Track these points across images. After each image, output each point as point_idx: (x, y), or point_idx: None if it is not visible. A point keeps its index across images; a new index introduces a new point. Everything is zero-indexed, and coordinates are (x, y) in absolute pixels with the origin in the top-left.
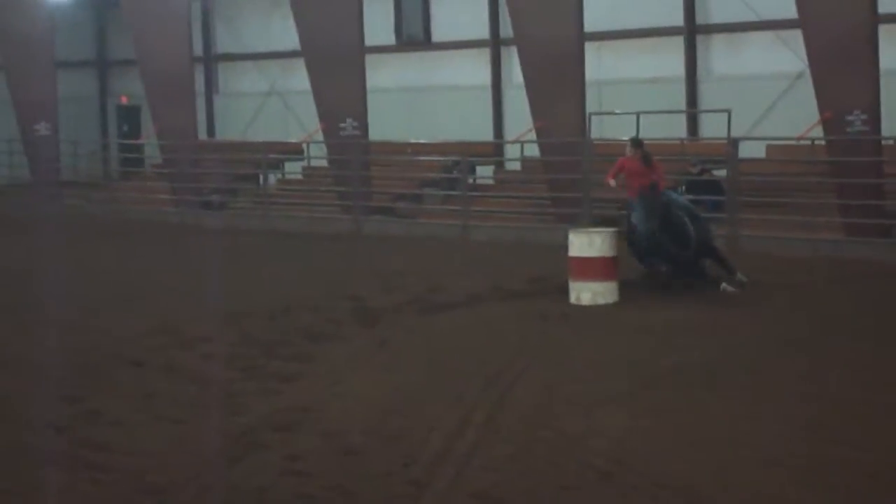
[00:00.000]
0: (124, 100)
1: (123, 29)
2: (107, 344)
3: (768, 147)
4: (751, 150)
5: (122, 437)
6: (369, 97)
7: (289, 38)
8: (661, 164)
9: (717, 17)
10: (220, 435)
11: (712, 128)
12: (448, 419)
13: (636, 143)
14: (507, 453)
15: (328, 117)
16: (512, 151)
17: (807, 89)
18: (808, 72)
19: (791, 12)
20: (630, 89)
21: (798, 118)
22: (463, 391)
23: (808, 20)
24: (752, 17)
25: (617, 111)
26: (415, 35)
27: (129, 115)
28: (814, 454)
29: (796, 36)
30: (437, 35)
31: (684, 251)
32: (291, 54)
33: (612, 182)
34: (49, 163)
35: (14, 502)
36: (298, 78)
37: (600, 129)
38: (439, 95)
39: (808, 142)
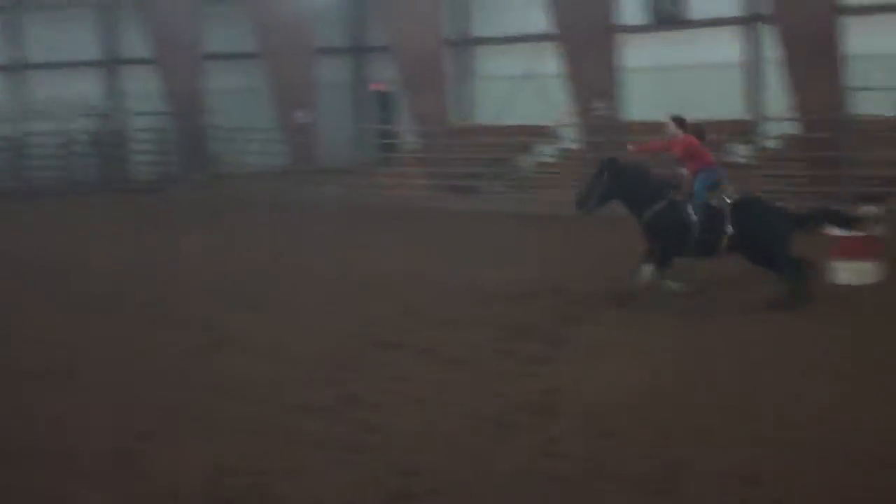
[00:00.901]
0: (380, 86)
1: (380, 16)
2: (363, 327)
3: None
4: None
5: (379, 419)
6: (622, 77)
7: (542, 20)
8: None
9: None
10: (475, 417)
11: None
12: (705, 400)
13: (680, 120)
14: (765, 435)
15: (581, 99)
16: (770, 129)
17: None
18: None
19: None
20: (892, 64)
21: None
22: (721, 373)
23: None
24: None
25: (878, 86)
26: (668, 13)
27: (385, 102)
28: None
29: None
30: (691, 13)
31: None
32: (544, 37)
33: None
34: (308, 149)
35: (275, 481)
36: (551, 60)
37: (861, 105)
38: (694, 74)
39: None
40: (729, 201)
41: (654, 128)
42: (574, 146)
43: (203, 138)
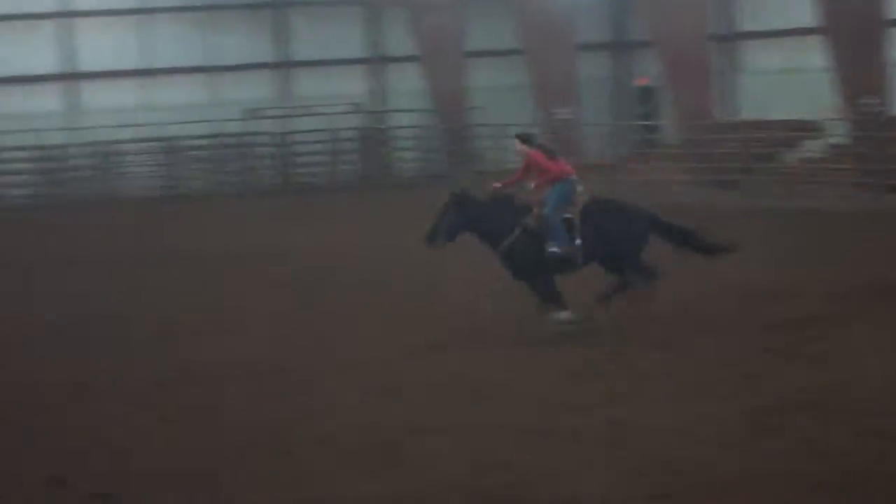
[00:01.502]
0: (643, 81)
1: (643, 10)
2: (628, 325)
3: None
4: None
5: (640, 416)
6: (892, 72)
7: (808, 13)
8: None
9: None
10: (739, 415)
11: None
12: None
13: (525, 137)
14: None
15: (848, 94)
16: None
17: None
18: None
19: None
20: None
21: None
22: None
23: None
24: None
25: None
26: None
27: (648, 96)
28: None
29: None
30: None
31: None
32: (811, 30)
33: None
34: (570, 145)
35: (532, 479)
36: (818, 54)
37: None
38: None
39: None
40: (577, 210)
41: None
42: (841, 142)
43: (466, 136)
